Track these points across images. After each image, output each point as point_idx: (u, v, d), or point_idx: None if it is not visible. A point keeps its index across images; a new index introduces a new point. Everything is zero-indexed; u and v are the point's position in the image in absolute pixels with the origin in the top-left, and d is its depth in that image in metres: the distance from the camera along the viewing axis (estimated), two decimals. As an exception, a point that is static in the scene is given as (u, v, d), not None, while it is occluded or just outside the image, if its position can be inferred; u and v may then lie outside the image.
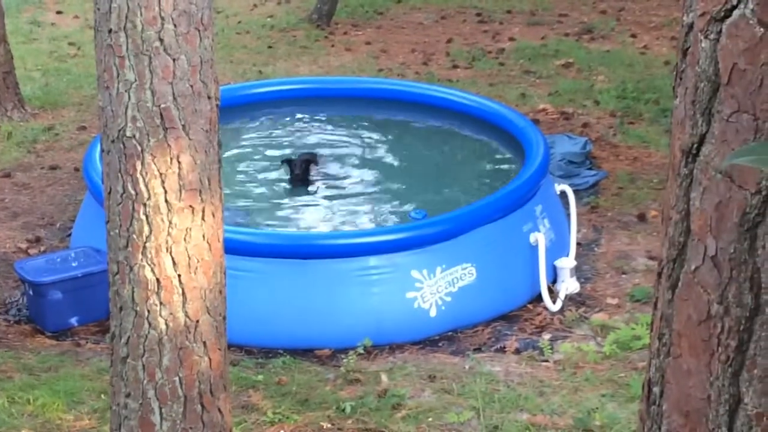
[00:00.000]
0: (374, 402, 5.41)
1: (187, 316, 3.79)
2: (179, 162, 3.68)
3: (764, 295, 1.81)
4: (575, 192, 7.46)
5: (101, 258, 6.24)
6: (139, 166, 3.66)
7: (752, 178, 1.79)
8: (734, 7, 1.78)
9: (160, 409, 3.85)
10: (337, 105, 9.16)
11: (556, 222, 7.05)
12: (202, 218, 3.76)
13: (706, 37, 1.82)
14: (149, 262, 3.72)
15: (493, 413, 5.29)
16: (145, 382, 3.84)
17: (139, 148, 3.65)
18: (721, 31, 1.80)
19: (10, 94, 9.84)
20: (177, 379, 3.84)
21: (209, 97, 3.74)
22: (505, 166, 8.08)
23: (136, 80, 3.63)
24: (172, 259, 3.73)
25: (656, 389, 2.00)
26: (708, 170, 1.84)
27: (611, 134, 9.30)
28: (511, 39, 12.58)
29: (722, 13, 1.79)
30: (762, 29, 1.76)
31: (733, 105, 1.79)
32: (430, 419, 5.28)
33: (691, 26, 1.87)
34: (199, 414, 3.89)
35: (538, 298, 6.63)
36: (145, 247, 3.71)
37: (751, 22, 1.77)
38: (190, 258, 3.75)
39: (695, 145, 1.86)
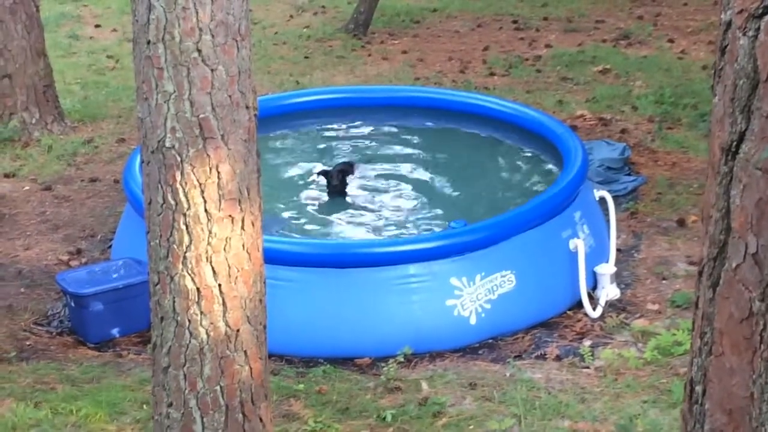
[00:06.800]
0: (415, 410, 5.41)
1: (227, 325, 3.81)
2: (218, 172, 3.70)
3: (807, 292, 1.80)
4: (614, 198, 7.42)
5: (142, 269, 6.28)
6: (178, 177, 3.68)
7: (792, 175, 1.78)
8: (772, 4, 1.78)
9: (202, 418, 3.87)
10: (375, 114, 9.18)
11: (596, 228, 7.02)
12: (242, 227, 3.77)
13: (744, 35, 1.82)
14: (189, 272, 3.74)
15: (534, 420, 5.27)
16: (186, 391, 3.86)
17: (179, 159, 3.67)
18: (759, 28, 1.79)
19: (50, 108, 9.92)
20: (218, 388, 3.86)
21: (247, 107, 3.76)
22: (543, 173, 8.06)
23: (174, 91, 3.65)
24: (212, 268, 3.75)
25: (698, 388, 1.99)
26: (748, 167, 1.83)
27: (650, 140, 9.26)
28: (548, 46, 12.56)
29: (760, 10, 1.79)
30: (800, 25, 1.75)
31: (773, 102, 1.78)
32: (471, 427, 5.27)
33: (729, 24, 1.87)
34: (240, 423, 3.91)
35: (578, 305, 6.60)
36: (185, 257, 3.73)
37: (789, 18, 1.76)
38: (230, 267, 3.77)
39: (735, 143, 1.86)
